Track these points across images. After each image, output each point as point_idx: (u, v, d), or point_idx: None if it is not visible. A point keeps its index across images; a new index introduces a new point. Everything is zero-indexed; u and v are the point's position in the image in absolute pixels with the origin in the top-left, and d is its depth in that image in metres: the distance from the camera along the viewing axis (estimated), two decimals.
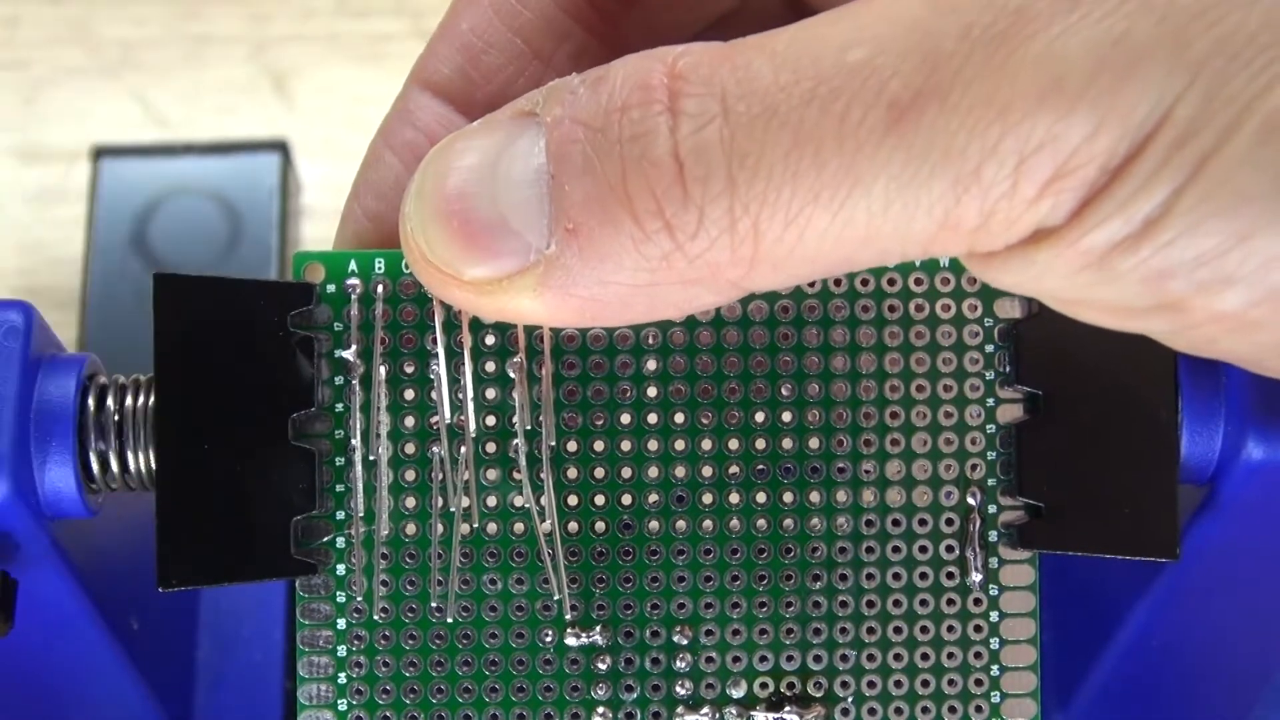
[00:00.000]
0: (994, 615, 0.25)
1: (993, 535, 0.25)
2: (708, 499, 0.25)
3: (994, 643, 0.26)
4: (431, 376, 0.25)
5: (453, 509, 0.25)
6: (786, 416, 0.25)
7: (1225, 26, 0.18)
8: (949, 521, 0.25)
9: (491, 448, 0.25)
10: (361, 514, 0.25)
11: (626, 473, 0.25)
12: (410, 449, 0.25)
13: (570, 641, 0.25)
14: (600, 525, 0.25)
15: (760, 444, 0.25)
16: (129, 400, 0.25)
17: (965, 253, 0.19)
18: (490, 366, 0.25)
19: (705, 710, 0.25)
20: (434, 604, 0.25)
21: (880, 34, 0.19)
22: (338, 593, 0.25)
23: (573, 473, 0.25)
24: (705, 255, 0.19)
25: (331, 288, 0.25)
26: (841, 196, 0.19)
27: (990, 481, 0.25)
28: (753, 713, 0.25)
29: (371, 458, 0.25)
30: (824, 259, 0.19)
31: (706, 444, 0.25)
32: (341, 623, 0.25)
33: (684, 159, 0.19)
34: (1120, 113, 0.18)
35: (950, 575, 0.25)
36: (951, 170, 0.18)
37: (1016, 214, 0.18)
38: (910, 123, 0.18)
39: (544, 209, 0.20)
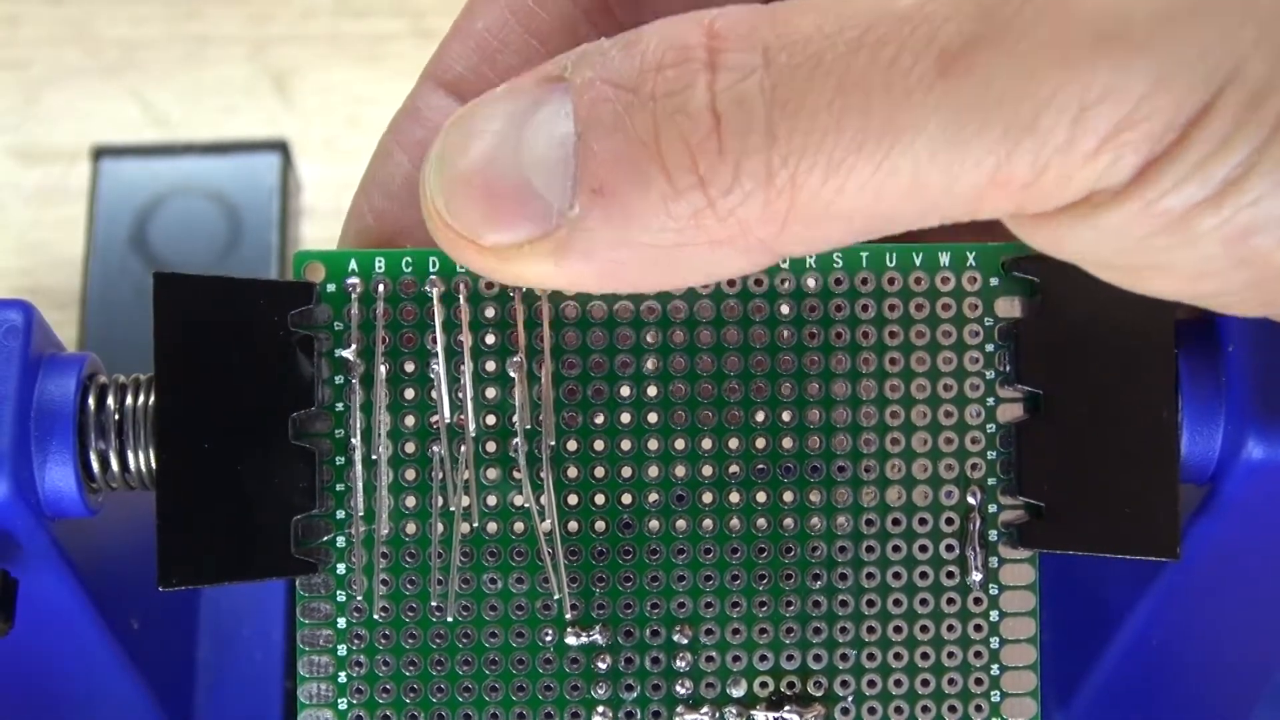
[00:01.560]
0: (994, 614, 0.25)
1: (993, 534, 0.25)
2: (708, 498, 0.25)
3: (994, 642, 0.26)
4: (431, 375, 0.25)
5: (453, 508, 0.25)
6: (786, 416, 0.25)
7: None
8: (949, 520, 0.25)
9: (491, 447, 0.25)
10: (361, 513, 0.25)
11: (626, 472, 0.25)
12: (410, 448, 0.25)
13: (570, 640, 0.25)
14: (600, 524, 0.25)
15: (760, 443, 0.25)
16: (129, 400, 0.25)
17: (1014, 212, 0.19)
18: (490, 366, 0.25)
19: (705, 709, 0.25)
20: (434, 603, 0.25)
21: None
22: (338, 592, 0.25)
23: (573, 472, 0.25)
24: (737, 211, 0.19)
25: (332, 287, 0.25)
26: (886, 145, 0.18)
27: (990, 481, 0.25)
28: (753, 712, 0.25)
29: (372, 457, 0.25)
30: (861, 215, 0.19)
31: (706, 443, 0.25)
32: (342, 622, 0.25)
33: (722, 111, 0.19)
34: (1187, 65, 0.17)
35: (950, 574, 0.25)
36: (1004, 120, 0.18)
37: (1073, 169, 0.18)
38: (962, 70, 0.18)
39: (569, 172, 0.19)
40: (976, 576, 0.25)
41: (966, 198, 0.18)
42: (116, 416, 0.25)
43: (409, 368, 0.25)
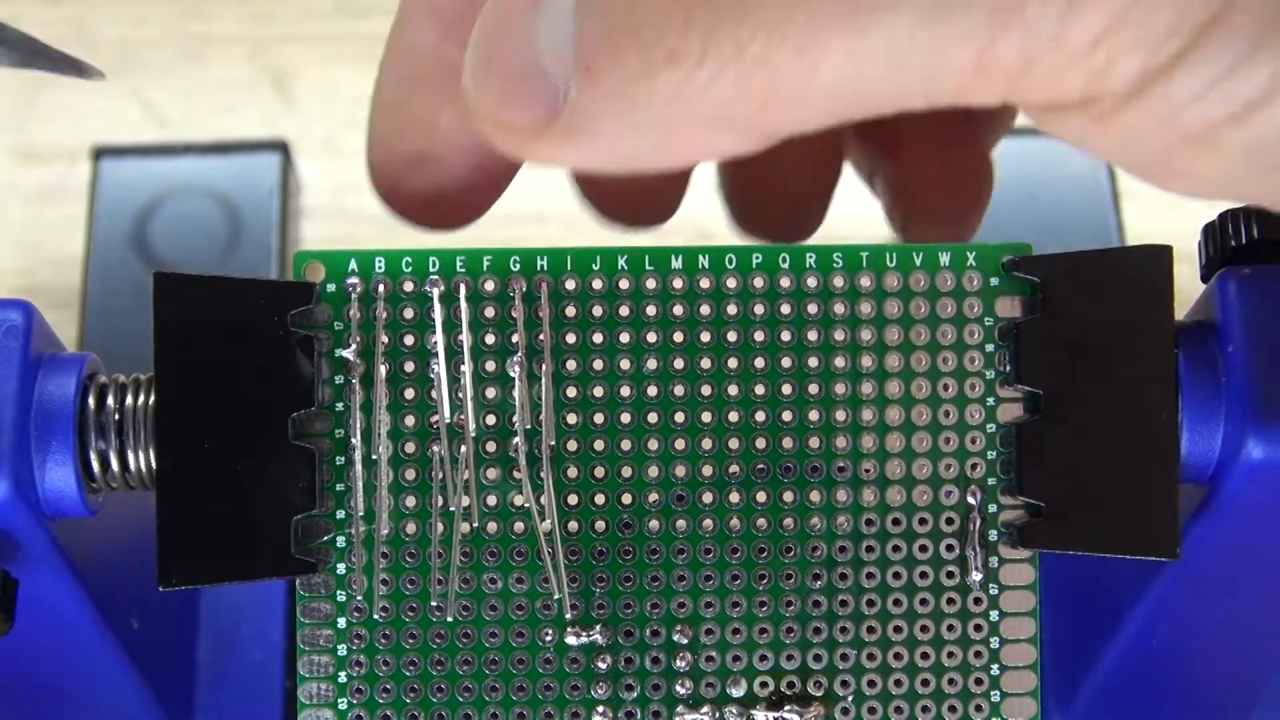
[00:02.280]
0: (994, 614, 0.25)
1: (993, 534, 0.25)
2: (708, 498, 0.25)
3: (994, 642, 0.26)
4: (431, 375, 0.25)
5: (453, 508, 0.25)
6: (787, 416, 0.25)
7: None
8: (949, 520, 0.25)
9: (491, 447, 0.25)
10: (362, 513, 0.25)
11: (626, 472, 0.25)
12: (410, 448, 0.25)
13: (570, 640, 0.25)
14: (600, 524, 0.25)
15: (760, 443, 0.25)
16: (129, 400, 0.25)
17: (1004, 100, 0.18)
18: (490, 365, 0.25)
19: (705, 709, 0.25)
20: (434, 603, 0.25)
21: None
22: (338, 591, 0.25)
23: (573, 472, 0.25)
24: (714, 88, 0.18)
25: (331, 287, 0.25)
26: (861, 20, 0.17)
27: (990, 480, 0.25)
28: (753, 712, 0.25)
29: (372, 457, 0.25)
30: (843, 93, 0.18)
31: (707, 443, 0.25)
32: (342, 621, 0.25)
33: None
34: None
35: (950, 574, 0.25)
36: (987, 2, 0.17)
37: (1065, 64, 0.17)
38: None
39: (572, 49, 0.19)
40: (977, 576, 0.25)
41: (952, 80, 0.18)
42: (116, 416, 0.25)
43: (409, 368, 0.25)
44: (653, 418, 0.25)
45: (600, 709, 0.25)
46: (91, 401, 0.25)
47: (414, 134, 0.25)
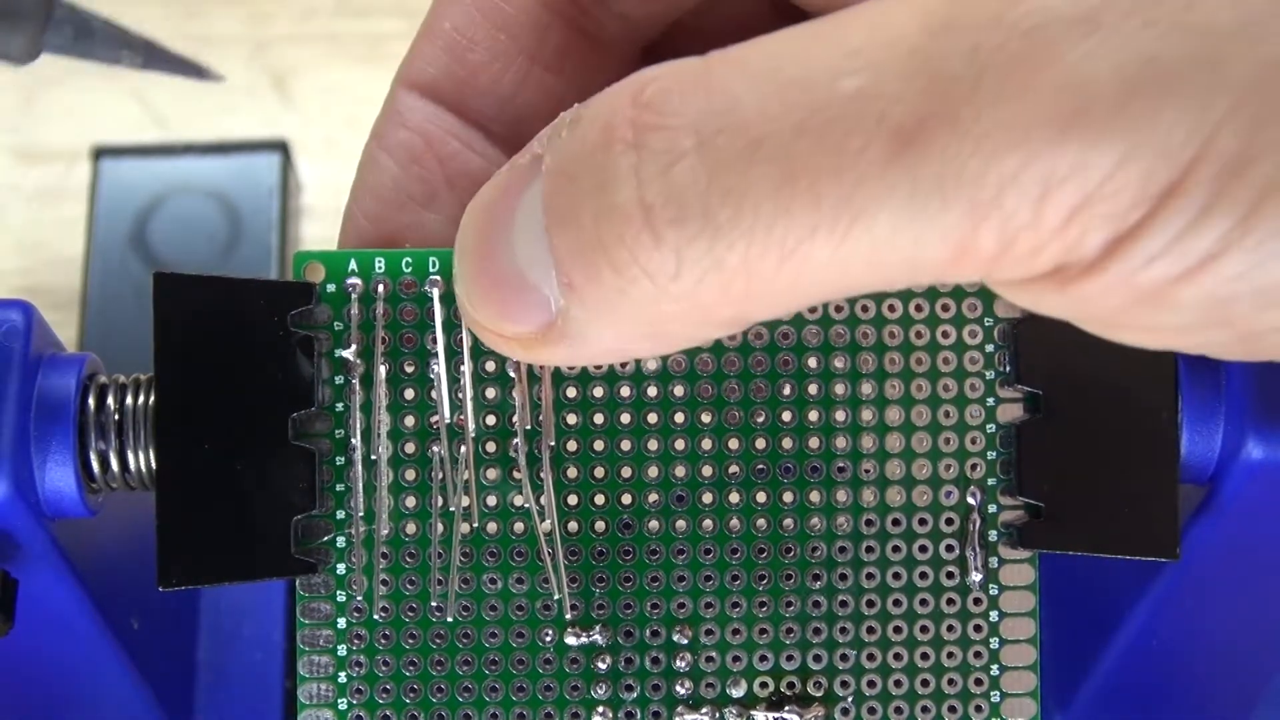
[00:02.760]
0: (994, 615, 0.25)
1: (993, 535, 0.25)
2: (707, 498, 0.25)
3: (994, 642, 0.26)
4: (431, 376, 0.25)
5: (453, 508, 0.25)
6: (786, 416, 0.25)
7: (1269, 46, 0.17)
8: (949, 521, 0.25)
9: (491, 447, 0.25)
10: (362, 513, 0.25)
11: (626, 472, 0.25)
12: (410, 448, 0.25)
13: (570, 641, 0.25)
14: (600, 524, 0.25)
15: (760, 443, 0.25)
16: (129, 400, 0.25)
17: (983, 279, 0.19)
18: (490, 366, 0.25)
19: (705, 710, 0.25)
20: (434, 603, 0.25)
21: (876, 59, 0.18)
22: (338, 592, 0.25)
23: (573, 472, 0.25)
24: (693, 296, 0.19)
25: (331, 287, 0.25)
26: (842, 229, 0.18)
27: (990, 481, 0.25)
28: (753, 712, 0.25)
29: (372, 457, 0.25)
30: (826, 288, 0.19)
31: (706, 443, 0.25)
32: (342, 622, 0.25)
33: (650, 202, 0.18)
34: (1157, 138, 0.17)
35: (950, 575, 0.25)
36: (966, 198, 0.17)
37: (1040, 243, 0.18)
38: (918, 150, 0.17)
39: (551, 261, 0.19)
40: (976, 577, 0.25)
41: (932, 269, 0.18)
42: (116, 416, 0.25)
43: (409, 368, 0.25)
44: (652, 418, 0.25)
45: (600, 709, 0.25)
46: (91, 401, 0.25)
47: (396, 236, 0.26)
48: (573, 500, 0.25)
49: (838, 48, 0.18)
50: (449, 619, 0.25)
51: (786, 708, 0.25)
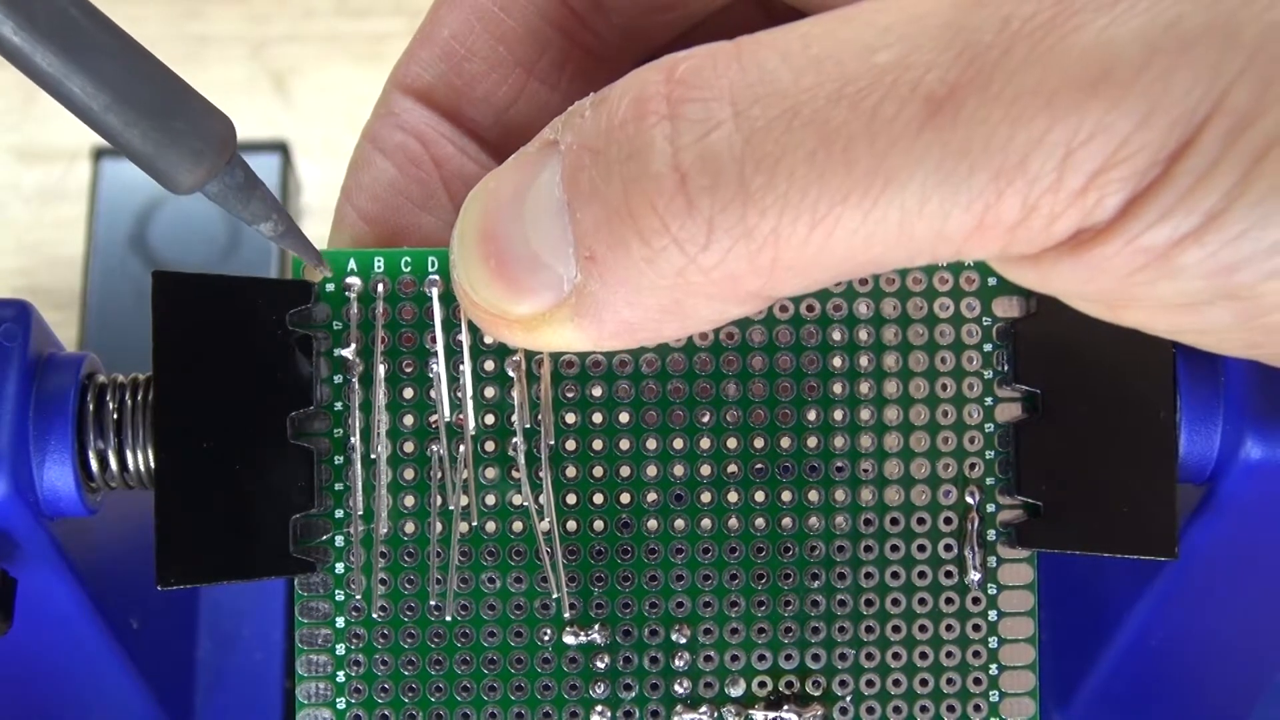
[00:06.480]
0: (992, 614, 0.25)
1: (991, 534, 0.25)
2: (706, 497, 0.25)
3: (992, 641, 0.26)
4: (430, 375, 0.25)
5: (451, 507, 0.25)
6: (785, 415, 0.25)
7: (1277, 11, 0.17)
8: (947, 520, 0.25)
9: (490, 446, 0.25)
10: (360, 512, 0.25)
11: (625, 471, 0.25)
12: (409, 447, 0.25)
13: (568, 640, 0.25)
14: (599, 524, 0.25)
15: (758, 442, 0.25)
16: (128, 399, 0.25)
17: (1001, 253, 0.19)
18: (489, 365, 0.25)
19: (703, 709, 0.25)
20: (432, 602, 0.25)
21: (908, 33, 0.18)
22: (336, 591, 0.25)
23: (571, 471, 0.25)
24: (721, 266, 0.19)
25: (330, 286, 0.25)
26: (874, 195, 0.18)
27: (989, 480, 0.25)
28: (751, 711, 0.25)
29: (371, 456, 0.25)
30: (852, 260, 0.19)
31: (705, 442, 0.25)
32: (340, 621, 0.25)
33: (686, 169, 0.19)
34: (1171, 99, 0.17)
35: (949, 574, 0.25)
36: (994, 163, 0.18)
37: (1060, 208, 0.18)
38: (948, 116, 0.18)
39: (568, 239, 0.20)
40: (975, 576, 0.25)
41: (955, 240, 0.18)
42: (115, 416, 0.25)
43: (408, 367, 0.25)
44: (651, 417, 0.25)
45: (598, 708, 0.25)
46: (90, 401, 0.25)
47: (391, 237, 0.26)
48: (571, 499, 0.25)
49: (869, 26, 0.19)
50: (447, 618, 0.25)
51: (785, 707, 0.25)
